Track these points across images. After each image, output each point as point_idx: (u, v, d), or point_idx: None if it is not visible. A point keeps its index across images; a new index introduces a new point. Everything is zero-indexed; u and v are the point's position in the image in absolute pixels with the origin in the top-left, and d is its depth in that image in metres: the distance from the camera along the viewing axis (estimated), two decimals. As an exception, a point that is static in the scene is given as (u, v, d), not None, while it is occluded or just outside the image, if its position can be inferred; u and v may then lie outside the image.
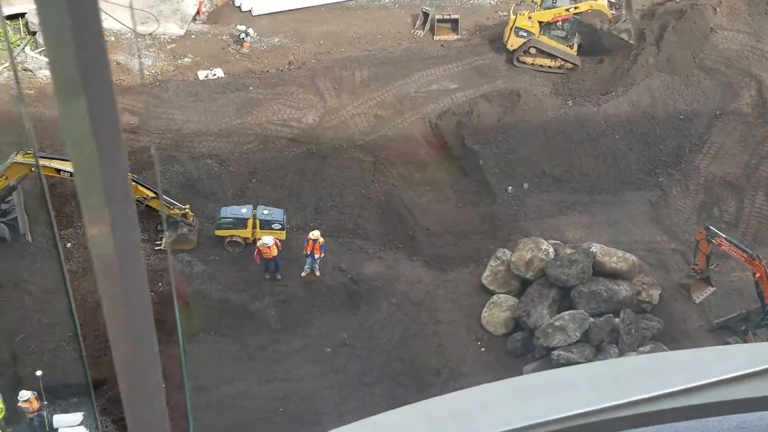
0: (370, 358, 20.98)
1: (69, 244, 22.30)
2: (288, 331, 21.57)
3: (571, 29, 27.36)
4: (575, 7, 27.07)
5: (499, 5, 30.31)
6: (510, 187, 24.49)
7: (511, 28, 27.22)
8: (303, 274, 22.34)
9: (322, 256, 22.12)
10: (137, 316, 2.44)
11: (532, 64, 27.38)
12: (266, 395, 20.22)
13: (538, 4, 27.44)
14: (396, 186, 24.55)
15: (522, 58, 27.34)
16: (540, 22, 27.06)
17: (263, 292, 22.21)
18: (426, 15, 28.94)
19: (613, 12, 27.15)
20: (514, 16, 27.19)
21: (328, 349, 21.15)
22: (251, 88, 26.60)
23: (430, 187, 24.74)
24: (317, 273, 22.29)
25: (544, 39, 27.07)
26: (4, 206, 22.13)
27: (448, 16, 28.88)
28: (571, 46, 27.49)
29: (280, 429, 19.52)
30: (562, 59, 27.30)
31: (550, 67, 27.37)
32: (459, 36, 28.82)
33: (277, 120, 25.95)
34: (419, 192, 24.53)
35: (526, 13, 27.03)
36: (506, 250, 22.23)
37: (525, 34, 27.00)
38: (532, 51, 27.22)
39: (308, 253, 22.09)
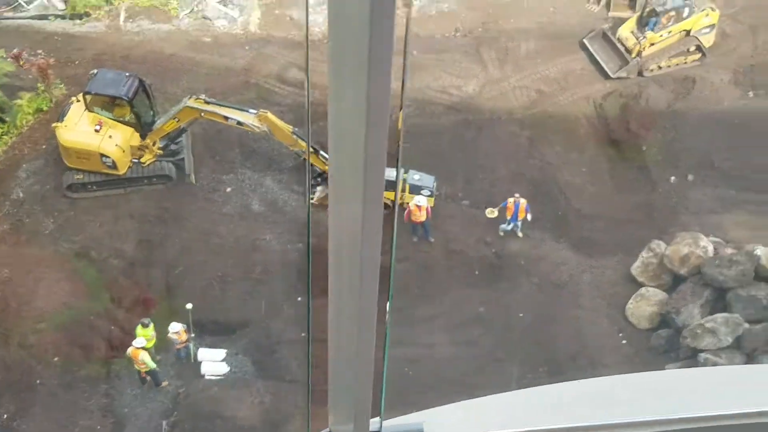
0: (504, 335, 20.70)
1: (229, 189, 23.36)
2: (425, 297, 21.63)
3: None
4: None
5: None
6: (673, 177, 23.22)
7: None
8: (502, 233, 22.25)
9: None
10: (362, 303, 2.42)
11: None
12: (393, 356, 20.39)
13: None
14: (551, 164, 23.87)
15: None
16: None
17: (405, 255, 22.36)
18: (602, -11, 27.73)
19: None
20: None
21: (462, 321, 21.04)
22: (414, 52, 26.59)
23: (586, 169, 23.87)
24: (519, 234, 22.09)
25: None
26: (173, 147, 23.43)
27: (625, -8, 27.54)
28: None
29: (405, 390, 19.66)
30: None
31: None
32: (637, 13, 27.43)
33: (437, 86, 25.83)
34: (575, 173, 23.73)
35: None
36: (661, 243, 21.16)
37: None
38: None
39: (510, 217, 21.94)
